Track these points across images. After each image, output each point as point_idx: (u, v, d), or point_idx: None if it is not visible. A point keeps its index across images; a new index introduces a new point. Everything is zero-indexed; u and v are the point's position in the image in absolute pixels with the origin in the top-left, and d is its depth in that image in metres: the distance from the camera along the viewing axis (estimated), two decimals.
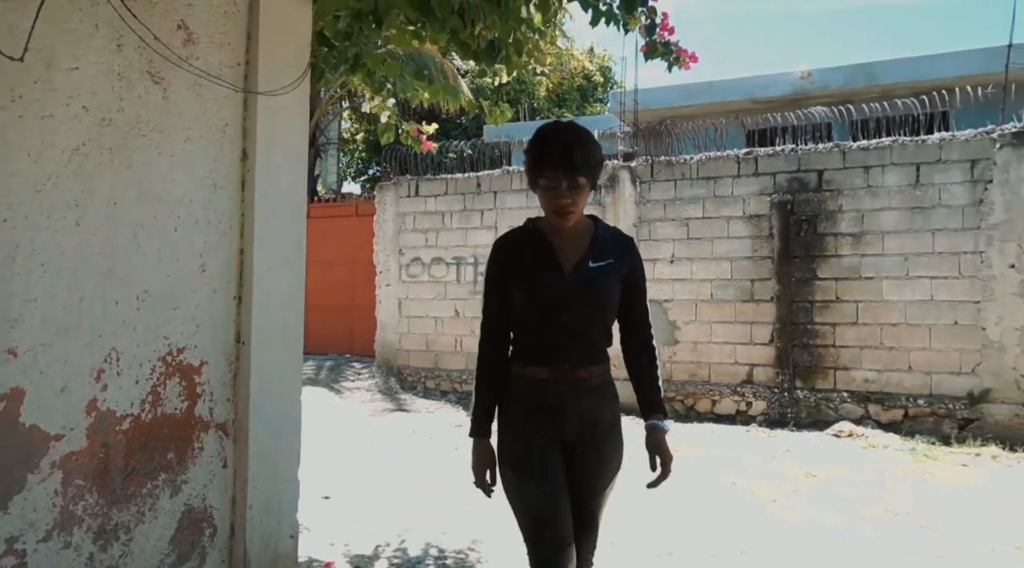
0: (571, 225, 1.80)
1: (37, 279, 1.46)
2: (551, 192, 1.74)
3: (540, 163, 1.75)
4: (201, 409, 1.84)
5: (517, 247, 1.85)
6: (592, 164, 1.76)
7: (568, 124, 1.86)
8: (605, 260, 1.82)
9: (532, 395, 1.83)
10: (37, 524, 1.47)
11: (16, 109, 1.42)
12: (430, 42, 2.65)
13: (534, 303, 1.80)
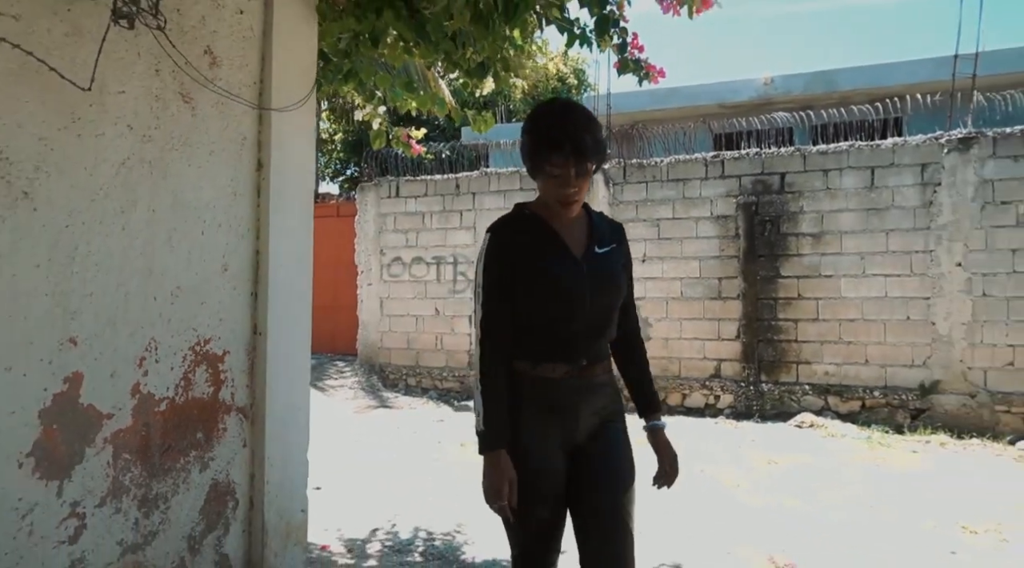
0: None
1: (92, 277, 1.68)
2: (557, 180, 1.59)
3: (548, 148, 1.59)
4: (224, 394, 2.06)
5: (518, 233, 1.68)
6: (599, 148, 1.64)
7: (570, 104, 1.70)
8: (608, 245, 1.70)
9: (543, 397, 1.67)
10: (94, 491, 1.68)
11: (75, 129, 1.63)
12: (422, 58, 2.89)
13: (548, 293, 1.63)
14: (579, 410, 1.68)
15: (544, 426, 1.67)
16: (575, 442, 1.69)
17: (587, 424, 1.69)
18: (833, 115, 7.44)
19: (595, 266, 1.67)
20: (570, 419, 1.68)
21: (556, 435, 1.67)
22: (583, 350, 1.67)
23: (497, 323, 1.67)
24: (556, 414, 1.67)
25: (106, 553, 1.73)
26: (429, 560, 3.49)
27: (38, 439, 1.57)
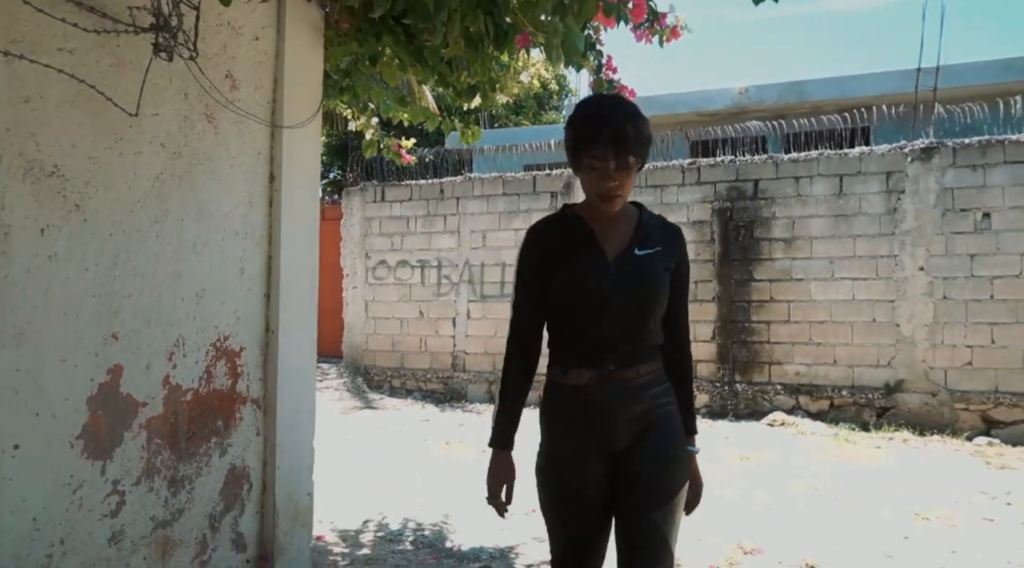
0: (616, 211, 1.62)
1: (131, 280, 1.90)
2: (597, 173, 1.56)
3: (587, 141, 1.56)
4: (241, 386, 2.29)
5: (554, 234, 1.68)
6: (643, 141, 1.58)
7: (615, 97, 1.70)
8: (652, 247, 1.64)
9: (572, 405, 1.65)
10: (131, 471, 1.90)
11: (118, 148, 1.85)
12: (416, 76, 3.13)
13: (575, 294, 1.62)
14: (614, 416, 1.61)
15: (578, 436, 1.63)
16: (614, 449, 1.63)
17: (626, 430, 1.62)
18: (804, 124, 7.79)
19: (629, 268, 1.61)
20: (604, 426, 1.62)
21: (591, 445, 1.62)
22: (611, 354, 1.61)
23: (523, 323, 1.69)
24: (589, 423, 1.62)
25: (140, 527, 1.95)
26: (419, 548, 3.73)
27: (86, 423, 1.79)
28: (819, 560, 3.50)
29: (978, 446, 6.28)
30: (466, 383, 8.47)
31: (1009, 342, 6.56)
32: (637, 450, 1.63)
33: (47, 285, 1.69)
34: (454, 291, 8.52)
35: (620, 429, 1.63)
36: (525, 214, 8.29)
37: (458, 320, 8.50)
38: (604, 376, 1.61)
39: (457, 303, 8.51)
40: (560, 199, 8.25)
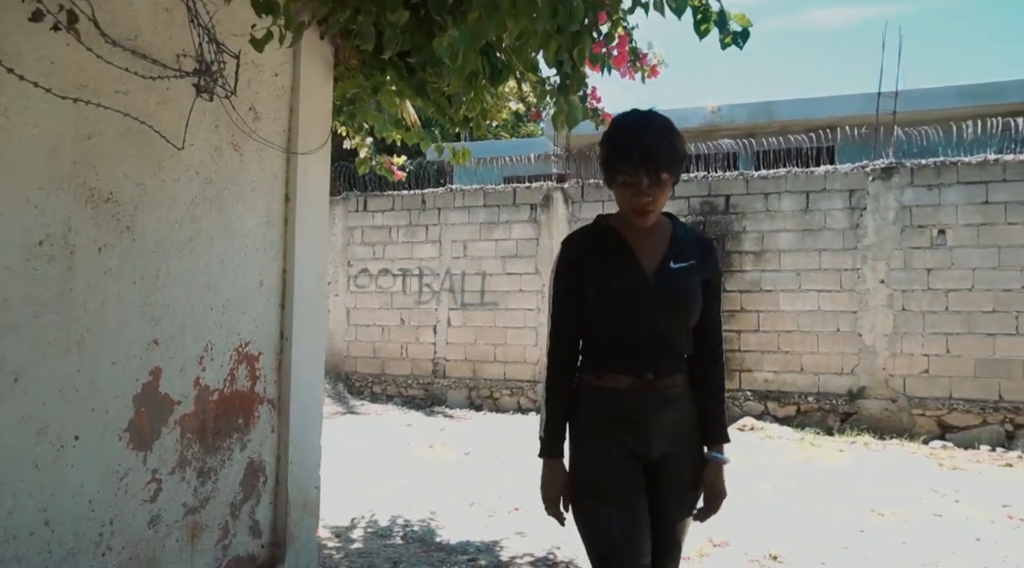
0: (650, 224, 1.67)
1: (170, 291, 2.16)
2: (631, 189, 1.60)
3: (620, 158, 1.61)
4: (259, 388, 2.55)
5: (591, 245, 1.73)
6: (676, 158, 1.62)
7: (649, 113, 1.70)
8: (687, 261, 1.70)
9: (610, 407, 1.69)
10: (167, 462, 2.16)
11: (160, 176, 2.12)
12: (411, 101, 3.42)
13: (614, 305, 1.66)
14: (650, 423, 1.68)
15: (613, 434, 1.69)
16: (648, 456, 1.69)
17: (661, 439, 1.69)
18: (773, 143, 8.22)
19: (665, 280, 1.67)
20: (641, 432, 1.68)
21: (626, 445, 1.68)
22: (648, 363, 1.68)
23: (563, 335, 1.74)
24: (625, 425, 1.68)
25: (174, 512, 2.20)
26: (409, 543, 4.00)
27: (131, 419, 2.04)
28: (781, 551, 3.84)
29: (933, 449, 6.70)
30: (446, 389, 8.72)
31: (962, 351, 7.01)
32: (671, 462, 1.70)
33: (103, 297, 1.95)
34: (435, 299, 8.78)
35: (654, 435, 1.68)
36: (505, 225, 8.60)
37: (439, 328, 8.76)
38: (644, 384, 1.67)
39: (438, 311, 8.77)
40: (539, 211, 8.57)
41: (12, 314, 1.73)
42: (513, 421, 7.94)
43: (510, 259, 8.56)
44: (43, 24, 1.70)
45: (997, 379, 6.89)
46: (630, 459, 1.69)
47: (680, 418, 1.71)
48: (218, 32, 2.16)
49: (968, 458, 6.40)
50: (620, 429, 1.69)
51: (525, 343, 8.42)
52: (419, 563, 3.66)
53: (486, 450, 6.40)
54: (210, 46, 2.06)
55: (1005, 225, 6.89)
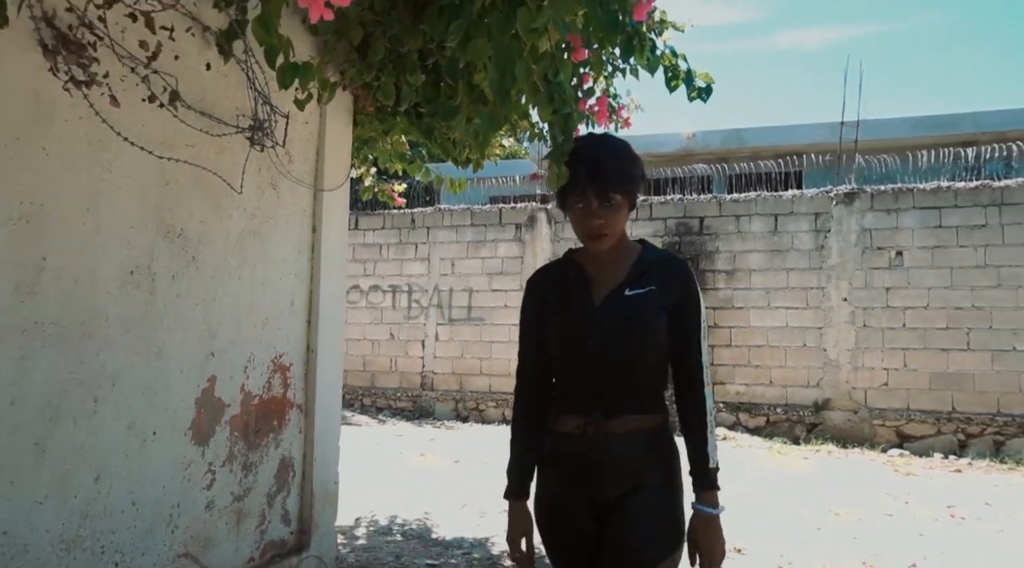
0: (610, 250, 1.61)
1: (224, 310, 2.58)
2: (581, 211, 1.58)
3: (570, 180, 1.59)
4: (290, 394, 2.97)
5: (551, 279, 1.71)
6: (626, 179, 1.58)
7: (599, 136, 1.68)
8: (645, 287, 1.59)
9: (563, 451, 1.64)
10: (220, 456, 2.57)
11: (218, 213, 2.54)
12: (417, 141, 3.87)
13: (560, 339, 1.63)
14: (601, 466, 1.59)
15: (567, 481, 1.64)
16: (603, 501, 1.61)
17: (615, 482, 1.59)
18: (745, 168, 8.80)
19: (615, 310, 1.58)
20: (590, 476, 1.60)
21: (580, 491, 1.62)
22: (597, 402, 1.60)
23: (524, 372, 1.73)
24: (575, 469, 1.62)
25: (224, 499, 2.61)
26: (409, 539, 4.41)
27: (194, 418, 2.45)
28: (745, 546, 4.30)
29: (891, 457, 7.25)
30: (434, 401, 9.12)
31: (919, 365, 7.58)
32: (619, 513, 1.58)
33: (175, 316, 2.37)
34: (423, 315, 9.20)
35: (608, 479, 1.60)
36: (492, 244, 9.06)
37: (427, 342, 9.17)
38: (594, 424, 1.58)
39: (426, 326, 9.19)
40: (524, 231, 9.04)
41: (111, 330, 2.14)
42: (499, 431, 8.37)
43: (496, 276, 9.02)
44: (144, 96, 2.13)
45: (950, 392, 7.45)
46: (584, 508, 1.63)
47: (639, 462, 1.60)
48: (267, 92, 2.61)
49: (922, 465, 6.94)
50: (572, 473, 1.63)
51: (510, 357, 8.86)
52: (419, 556, 4.08)
53: (475, 458, 6.82)
54: (263, 106, 2.50)
55: (957, 248, 7.48)
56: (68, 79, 1.81)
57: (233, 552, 2.67)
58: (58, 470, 2.00)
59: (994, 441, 7.29)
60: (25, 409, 1.91)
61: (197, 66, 2.41)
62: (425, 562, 3.99)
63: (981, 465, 6.96)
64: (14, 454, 1.88)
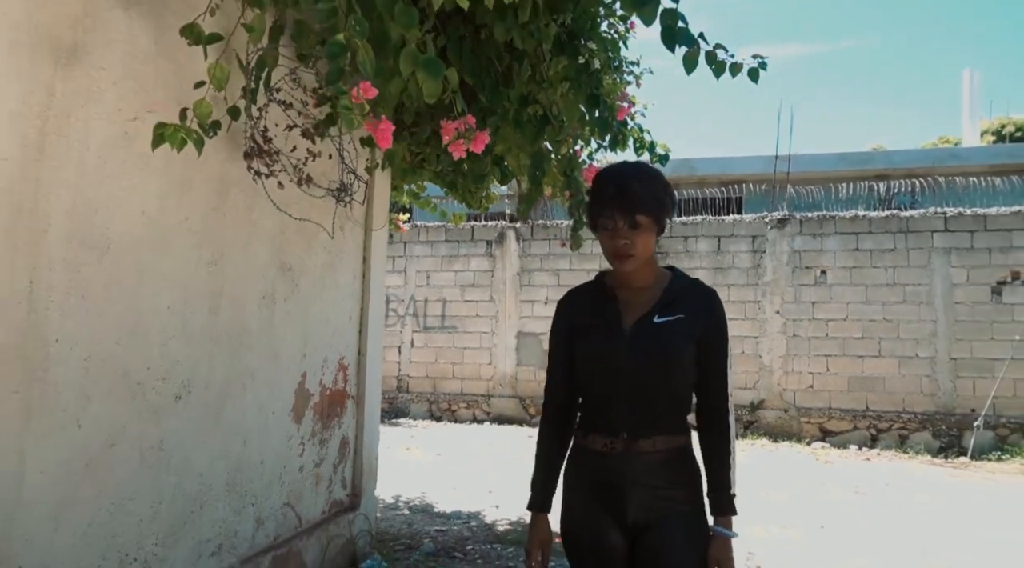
0: (640, 275, 1.69)
1: (311, 323, 3.53)
2: (608, 233, 1.65)
3: (597, 201, 1.67)
4: (348, 388, 3.92)
5: (580, 301, 1.80)
6: (654, 201, 1.64)
7: (632, 163, 1.77)
8: (674, 314, 1.68)
9: (590, 469, 1.72)
10: (307, 432, 3.51)
11: (311, 251, 3.49)
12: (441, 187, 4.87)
13: (589, 361, 1.71)
14: (625, 487, 1.66)
15: (591, 498, 1.72)
16: (628, 521, 1.68)
17: (640, 504, 1.67)
18: (692, 193, 10.01)
19: (643, 336, 1.67)
20: (615, 495, 1.68)
21: (603, 509, 1.70)
22: (622, 423, 1.67)
23: (552, 389, 1.83)
24: (600, 488, 1.70)
25: (309, 465, 3.55)
26: (415, 512, 5.39)
27: (293, 404, 3.39)
28: None
29: (815, 449, 8.53)
30: (409, 402, 10.05)
31: (839, 370, 8.89)
32: (646, 536, 1.67)
33: (285, 329, 3.31)
34: (400, 323, 10.12)
35: (631, 500, 1.67)
36: (464, 258, 10.05)
37: (403, 348, 10.10)
38: (617, 445, 1.67)
39: (403, 333, 10.11)
40: (494, 246, 10.07)
41: (252, 339, 3.08)
42: (470, 429, 9.36)
43: (468, 288, 10.02)
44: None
45: (865, 393, 8.79)
46: (608, 525, 1.70)
47: (664, 484, 1.68)
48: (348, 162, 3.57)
49: (840, 455, 8.24)
50: (597, 491, 1.71)
51: (480, 362, 9.87)
52: (427, 525, 5.06)
53: (454, 452, 7.80)
54: (348, 175, 3.47)
55: (871, 268, 8.84)
56: (255, 173, 2.76)
57: (313, 506, 3.62)
58: (225, 436, 2.93)
59: (900, 435, 8.65)
60: (210, 394, 2.83)
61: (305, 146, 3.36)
62: (434, 528, 4.97)
63: (888, 455, 8.30)
64: (202, 424, 2.80)
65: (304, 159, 3.02)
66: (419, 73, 2.12)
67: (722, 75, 2.46)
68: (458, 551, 4.46)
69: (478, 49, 3.02)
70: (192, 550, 2.74)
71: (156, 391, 2.54)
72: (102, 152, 2.29)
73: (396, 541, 4.58)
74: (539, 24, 2.79)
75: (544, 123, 2.91)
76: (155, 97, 2.48)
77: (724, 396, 1.77)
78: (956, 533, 5.13)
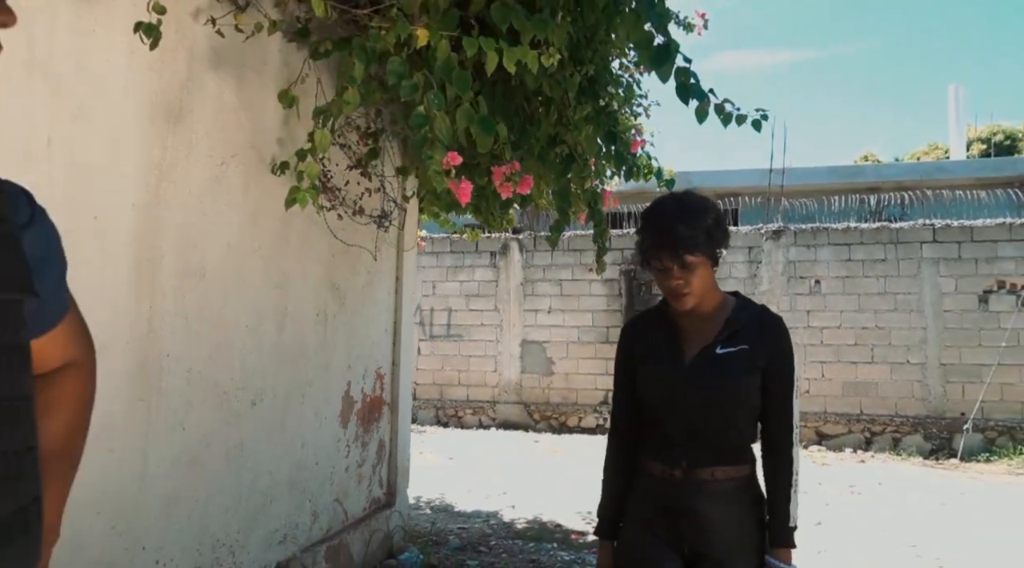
0: (701, 303, 1.71)
1: (355, 337, 3.94)
2: (662, 274, 1.69)
3: (646, 244, 1.72)
4: (384, 395, 4.34)
5: (645, 329, 1.84)
6: (702, 239, 1.65)
7: (675, 197, 1.79)
8: (737, 346, 1.70)
9: (650, 495, 1.76)
10: (351, 436, 3.93)
11: (354, 271, 3.91)
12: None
13: (651, 391, 1.75)
14: (682, 516, 1.70)
15: (648, 525, 1.76)
16: (684, 551, 1.72)
17: (697, 533, 1.70)
18: None
19: (705, 367, 1.70)
20: (672, 524, 1.72)
21: (660, 537, 1.74)
22: (682, 453, 1.71)
23: (616, 417, 1.88)
24: (658, 515, 1.74)
25: (353, 466, 3.96)
26: (436, 511, 5.80)
27: (340, 409, 3.81)
28: None
29: (811, 452, 8.97)
30: (417, 409, 10.45)
31: (833, 376, 9.34)
32: (702, 565, 1.70)
33: (335, 342, 3.73)
34: None
35: (690, 530, 1.70)
36: (469, 268, 10.48)
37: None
38: (676, 473, 1.71)
39: None
40: (498, 257, 10.50)
41: (309, 352, 3.50)
42: (477, 435, 9.77)
43: (473, 297, 10.44)
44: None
45: (859, 397, 9.25)
46: (664, 549, 1.73)
47: (722, 515, 1.70)
48: (389, 193, 4.00)
49: (835, 457, 8.69)
50: (657, 519, 1.75)
51: (485, 369, 10.29)
52: (450, 522, 5.46)
53: (465, 456, 8.21)
54: (390, 204, 3.89)
55: (863, 278, 9.31)
56: (320, 207, 3.18)
57: (356, 503, 4.03)
58: (288, 439, 3.34)
59: (893, 438, 9.11)
60: (277, 401, 3.25)
61: (353, 179, 3.78)
62: (456, 526, 5.38)
63: (882, 457, 8.76)
64: (271, 428, 3.21)
65: (360, 194, 3.44)
66: (473, 127, 2.55)
67: (729, 124, 2.89)
68: (482, 546, 4.88)
69: (509, 93, 3.45)
70: (264, 539, 3.15)
71: (237, 399, 2.96)
72: (199, 193, 2.71)
73: (423, 537, 4.99)
74: (565, 74, 3.22)
75: (570, 161, 3.35)
76: (237, 143, 2.91)
77: (789, 427, 1.79)
78: (945, 530, 5.57)
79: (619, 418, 1.90)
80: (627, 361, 1.87)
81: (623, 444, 1.89)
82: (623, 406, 1.88)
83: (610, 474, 1.90)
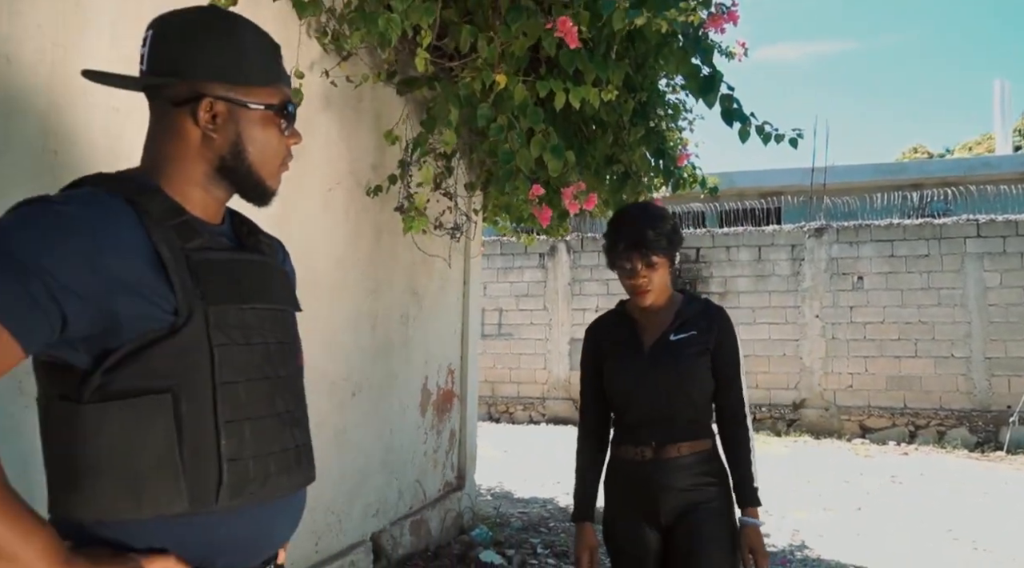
0: (652, 302, 1.92)
1: (430, 336, 4.46)
2: (626, 273, 1.90)
3: (612, 247, 1.92)
4: (454, 388, 4.85)
5: (603, 328, 2.08)
6: (664, 242, 1.88)
7: (640, 206, 2.03)
8: (687, 332, 1.92)
9: (625, 477, 1.96)
10: (428, 424, 4.44)
11: (430, 277, 4.43)
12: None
13: (616, 380, 1.96)
14: (657, 491, 1.90)
15: (626, 504, 1.96)
16: (661, 522, 1.92)
17: (671, 505, 1.90)
18: (733, 205, 10.79)
19: (662, 354, 1.93)
20: (649, 499, 1.91)
21: (638, 514, 1.94)
22: (649, 434, 1.92)
23: (585, 410, 2.11)
24: (635, 494, 1.94)
25: (429, 452, 4.48)
26: (497, 498, 6.30)
27: (420, 401, 4.33)
28: None
29: (854, 445, 9.27)
30: None
31: (877, 370, 9.61)
32: (679, 530, 1.90)
33: (415, 341, 4.24)
34: None
35: (664, 503, 1.90)
36: (518, 270, 10.97)
37: None
38: (647, 453, 1.92)
39: None
40: (546, 259, 10.96)
41: (394, 349, 4.02)
42: (528, 430, 10.27)
43: (522, 298, 10.94)
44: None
45: (902, 391, 9.50)
46: (643, 529, 1.94)
47: (692, 486, 1.91)
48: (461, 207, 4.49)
49: (879, 450, 8.97)
50: (631, 497, 1.96)
51: (535, 367, 10.78)
52: (511, 507, 5.96)
53: (518, 449, 8.71)
54: (461, 217, 4.39)
55: (905, 273, 9.55)
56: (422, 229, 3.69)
57: (432, 485, 4.55)
58: (380, 425, 3.87)
59: (937, 431, 9.34)
60: (372, 392, 3.77)
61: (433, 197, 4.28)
62: (516, 510, 5.88)
63: (925, 449, 9.01)
64: (367, 415, 3.74)
65: (442, 212, 3.94)
66: (546, 155, 3.02)
67: (769, 142, 3.31)
68: (542, 527, 5.36)
69: (568, 117, 3.91)
70: (362, 511, 3.68)
71: (341, 389, 3.49)
72: (314, 213, 3.24)
73: (489, 519, 5.49)
74: (620, 101, 3.67)
75: (625, 178, 3.80)
76: (339, 172, 3.44)
77: (741, 401, 2.03)
78: (985, 517, 5.88)
79: (588, 411, 2.13)
80: (594, 359, 2.10)
81: (592, 435, 2.11)
82: (591, 401, 2.11)
83: (582, 463, 2.11)
